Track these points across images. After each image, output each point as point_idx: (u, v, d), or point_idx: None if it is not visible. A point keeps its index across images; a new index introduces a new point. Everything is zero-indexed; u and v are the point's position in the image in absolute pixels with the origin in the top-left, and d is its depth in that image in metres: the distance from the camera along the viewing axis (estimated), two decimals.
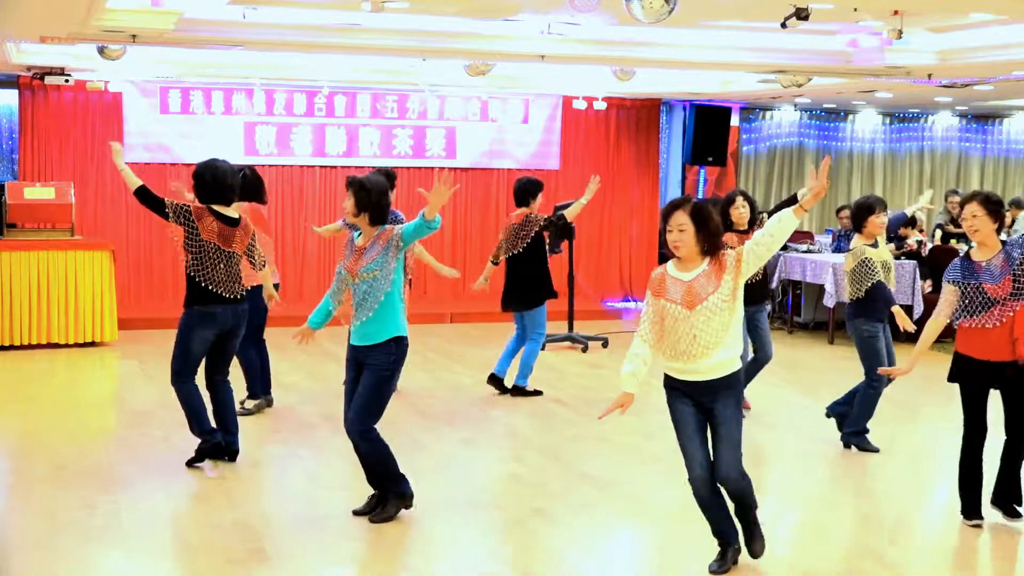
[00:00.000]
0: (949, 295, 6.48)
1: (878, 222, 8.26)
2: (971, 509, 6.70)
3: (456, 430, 9.11)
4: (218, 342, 7.69)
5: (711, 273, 5.47)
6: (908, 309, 13.54)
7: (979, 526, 6.66)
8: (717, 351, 5.48)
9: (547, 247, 10.42)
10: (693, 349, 5.48)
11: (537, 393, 10.30)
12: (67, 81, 13.58)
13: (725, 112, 16.74)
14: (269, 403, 9.64)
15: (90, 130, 14.57)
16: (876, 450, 8.43)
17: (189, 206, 7.53)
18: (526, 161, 16.31)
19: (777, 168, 18.71)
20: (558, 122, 16.46)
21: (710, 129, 16.50)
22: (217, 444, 7.80)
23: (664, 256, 5.49)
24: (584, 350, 12.96)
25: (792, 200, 9.11)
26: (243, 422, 8.38)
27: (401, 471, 6.70)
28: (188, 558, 6.06)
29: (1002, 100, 16.39)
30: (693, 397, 5.60)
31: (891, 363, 8.29)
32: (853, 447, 8.50)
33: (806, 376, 11.58)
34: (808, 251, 14.49)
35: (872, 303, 8.28)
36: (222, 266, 7.53)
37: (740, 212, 9.16)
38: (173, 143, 14.80)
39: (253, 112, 15.10)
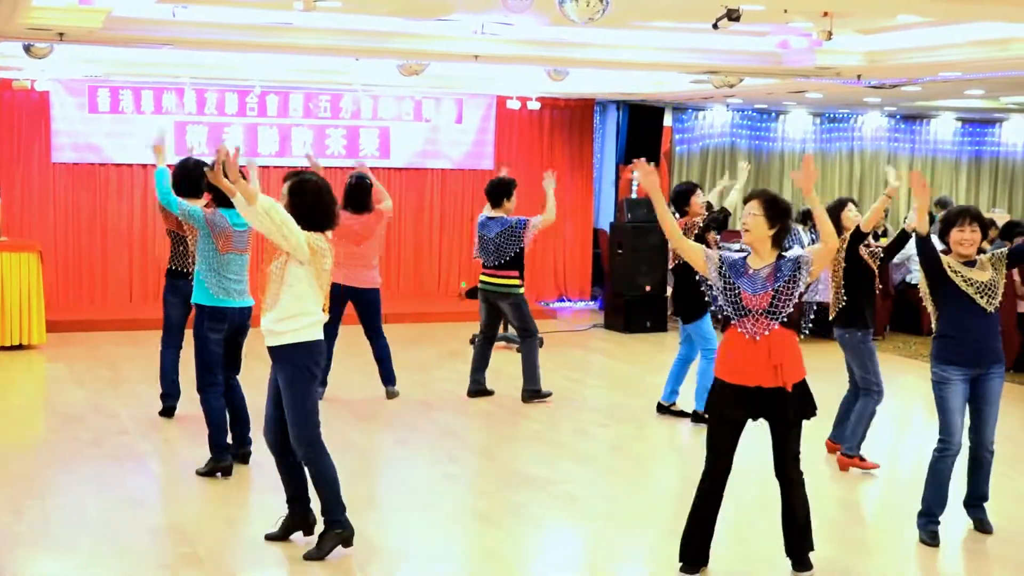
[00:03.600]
0: (707, 253, 6.09)
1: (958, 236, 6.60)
2: (694, 560, 5.83)
3: (392, 431, 9.08)
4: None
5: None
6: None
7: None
8: (268, 314, 5.83)
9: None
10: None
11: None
12: None
13: (658, 112, 16.82)
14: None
15: (16, 130, 14.31)
16: (990, 531, 6.72)
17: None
18: (460, 161, 16.29)
19: (710, 167, 18.84)
20: (492, 122, 16.45)
21: (643, 129, 16.56)
22: (171, 407, 9.08)
23: (597, 256, 5.51)
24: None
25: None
26: (178, 430, 8.47)
27: (223, 447, 7.49)
28: (118, 563, 5.98)
29: (929, 101, 16.63)
30: None
31: (981, 426, 6.53)
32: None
33: None
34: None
35: (941, 338, 6.48)
36: (182, 248, 8.53)
37: (852, 216, 8.27)
38: (102, 143, 14.59)
39: (184, 112, 14.92)
